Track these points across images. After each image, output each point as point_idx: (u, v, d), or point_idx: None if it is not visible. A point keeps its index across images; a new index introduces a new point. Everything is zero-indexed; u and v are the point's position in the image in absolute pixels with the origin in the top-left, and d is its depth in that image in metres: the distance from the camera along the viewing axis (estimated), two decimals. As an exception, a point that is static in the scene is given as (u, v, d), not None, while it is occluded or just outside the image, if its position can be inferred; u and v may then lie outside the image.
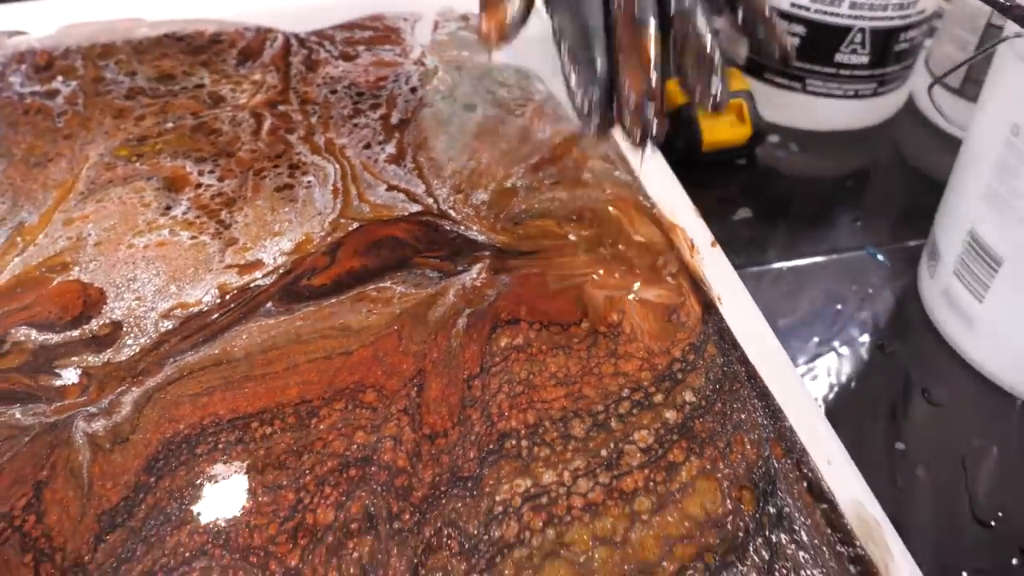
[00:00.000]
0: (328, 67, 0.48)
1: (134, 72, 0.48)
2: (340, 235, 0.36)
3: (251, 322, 0.32)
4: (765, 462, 0.27)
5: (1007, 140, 0.33)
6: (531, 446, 0.27)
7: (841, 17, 0.48)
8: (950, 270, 0.38)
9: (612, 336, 0.31)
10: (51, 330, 0.32)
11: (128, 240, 0.36)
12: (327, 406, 0.29)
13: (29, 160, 0.41)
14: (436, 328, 0.31)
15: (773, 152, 0.52)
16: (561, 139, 0.42)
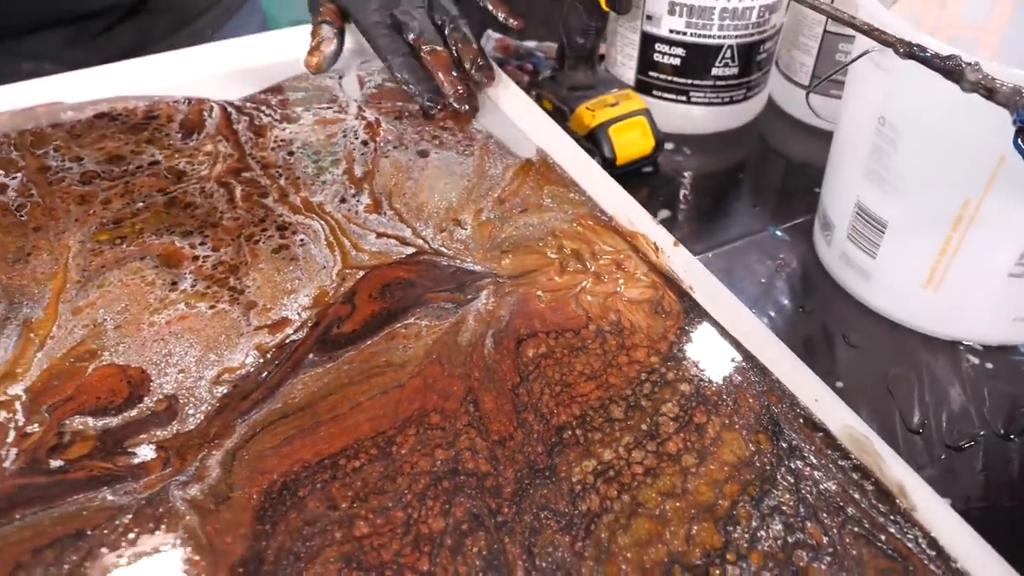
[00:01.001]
0: (275, 130, 0.50)
1: (79, 157, 0.48)
2: (351, 284, 0.39)
3: (300, 374, 0.35)
4: (767, 410, 0.34)
5: (876, 129, 0.42)
6: (585, 433, 0.33)
7: (712, 38, 0.56)
8: (844, 236, 0.47)
9: (616, 333, 0.37)
10: (107, 415, 0.34)
11: (147, 319, 0.38)
12: (401, 433, 0.33)
13: (7, 257, 0.41)
14: (469, 351, 0.36)
15: (671, 157, 0.60)
16: (513, 171, 0.47)
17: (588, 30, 0.55)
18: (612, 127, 0.55)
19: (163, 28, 0.67)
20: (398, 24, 0.53)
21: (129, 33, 0.65)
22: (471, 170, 0.47)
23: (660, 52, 0.58)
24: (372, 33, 0.53)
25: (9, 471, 0.31)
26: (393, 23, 0.53)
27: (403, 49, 0.53)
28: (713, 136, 0.62)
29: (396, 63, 0.53)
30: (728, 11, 0.55)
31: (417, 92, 0.52)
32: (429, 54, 0.52)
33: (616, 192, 0.44)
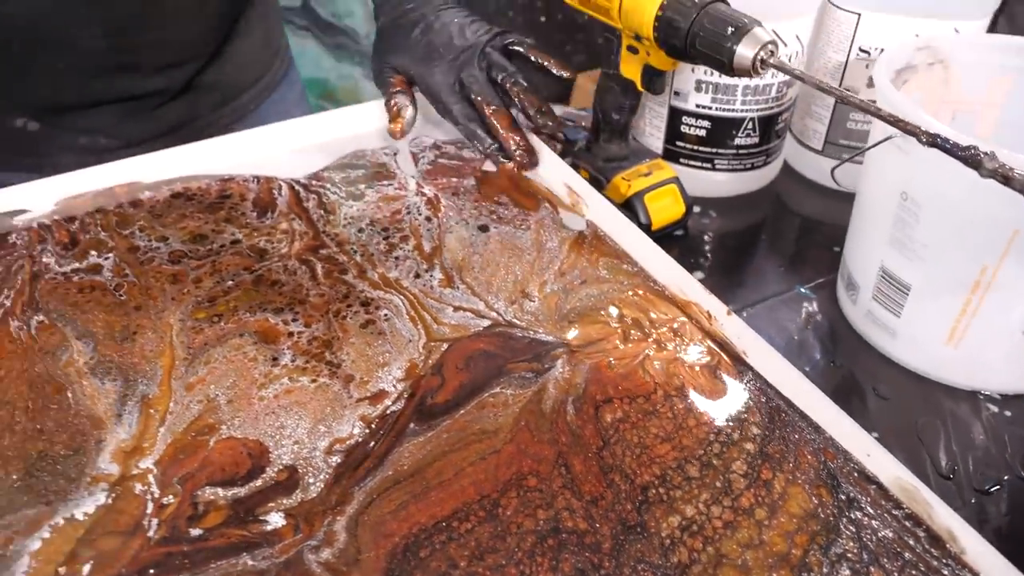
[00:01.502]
0: (344, 208, 0.55)
1: (165, 237, 0.52)
2: (437, 356, 0.43)
3: (405, 443, 0.39)
4: (824, 465, 0.38)
5: (899, 203, 0.47)
6: (667, 491, 0.37)
7: (736, 111, 0.62)
8: (869, 296, 0.52)
9: (682, 397, 0.41)
10: (234, 485, 0.37)
11: (256, 394, 0.42)
12: (503, 496, 0.37)
13: (115, 336, 0.45)
14: (553, 418, 0.40)
15: (699, 220, 0.65)
16: (568, 244, 0.52)
17: (623, 107, 0.60)
18: (647, 195, 0.60)
19: (209, 104, 0.71)
20: (461, 85, 0.58)
21: (178, 109, 0.69)
22: (530, 244, 0.52)
23: (687, 124, 0.63)
24: (441, 98, 0.59)
25: (154, 540, 0.35)
26: (458, 87, 0.58)
27: (472, 113, 0.58)
28: (735, 198, 0.67)
29: (466, 126, 0.58)
30: (750, 88, 0.60)
31: (484, 149, 0.59)
32: (492, 115, 0.57)
33: (667, 263, 0.48)
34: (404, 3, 0.61)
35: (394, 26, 0.61)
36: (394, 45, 0.61)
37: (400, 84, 0.60)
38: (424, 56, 0.59)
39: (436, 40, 0.59)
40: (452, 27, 0.59)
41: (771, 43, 0.47)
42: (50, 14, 0.57)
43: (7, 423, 0.40)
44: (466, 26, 0.59)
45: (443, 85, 0.58)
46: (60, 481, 0.38)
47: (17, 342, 0.44)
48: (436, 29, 0.59)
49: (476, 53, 0.58)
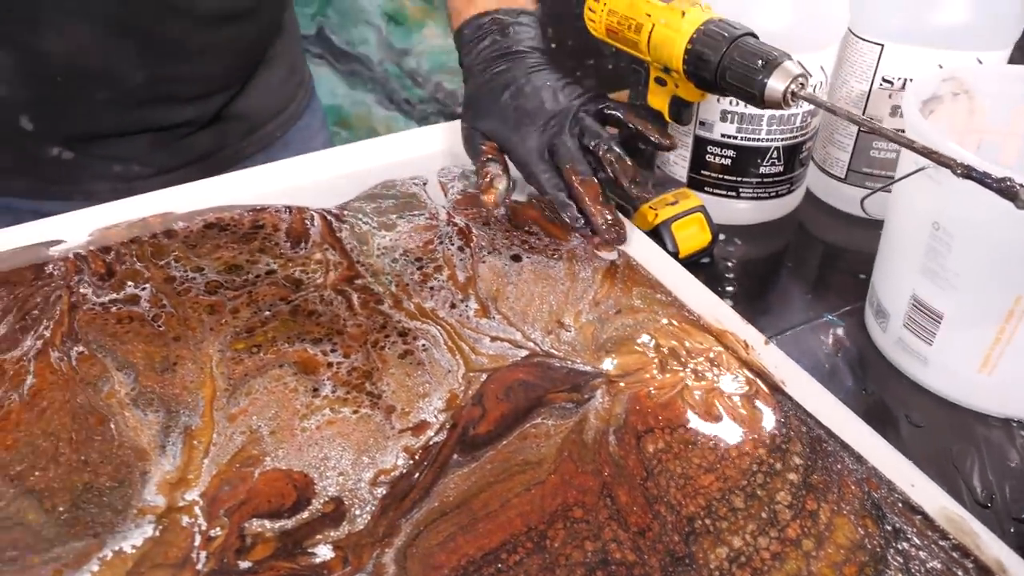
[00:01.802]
0: (376, 238, 0.55)
1: (200, 267, 0.53)
2: (477, 386, 0.44)
3: (449, 474, 0.39)
4: (868, 496, 0.38)
5: (931, 232, 0.48)
6: (713, 522, 0.37)
7: (761, 140, 0.62)
8: (900, 324, 0.52)
9: (723, 427, 0.42)
10: (281, 517, 0.37)
11: (299, 425, 0.42)
12: (550, 528, 0.37)
13: (155, 367, 0.45)
14: (596, 448, 0.40)
15: (724, 248, 0.65)
16: (601, 274, 0.52)
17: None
18: (674, 224, 0.60)
19: (237, 134, 0.72)
20: (551, 153, 0.56)
21: (207, 138, 0.70)
22: (563, 273, 0.52)
23: (712, 153, 0.64)
24: (529, 167, 0.56)
25: (203, 573, 0.35)
26: (548, 153, 0.56)
27: (560, 183, 0.56)
28: (758, 226, 0.68)
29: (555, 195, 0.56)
30: (776, 118, 0.61)
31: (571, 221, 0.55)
32: (580, 184, 0.55)
33: (701, 291, 0.49)
34: (494, 66, 0.59)
35: (484, 90, 0.58)
36: (484, 110, 0.58)
37: (492, 151, 0.58)
38: (514, 122, 0.56)
39: (527, 105, 0.56)
40: (544, 91, 0.56)
41: (801, 76, 0.48)
42: (92, 49, 0.58)
43: (52, 455, 0.40)
44: (558, 90, 0.57)
45: (532, 152, 0.56)
46: (107, 513, 0.38)
47: (58, 373, 0.45)
48: (527, 93, 0.56)
49: (568, 118, 0.56)
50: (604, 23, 0.58)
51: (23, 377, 0.45)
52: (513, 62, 0.58)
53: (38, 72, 0.58)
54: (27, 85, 0.59)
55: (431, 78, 1.56)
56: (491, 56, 0.59)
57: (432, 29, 1.51)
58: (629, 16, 0.56)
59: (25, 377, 0.45)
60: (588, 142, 0.56)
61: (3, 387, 0.44)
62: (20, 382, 0.44)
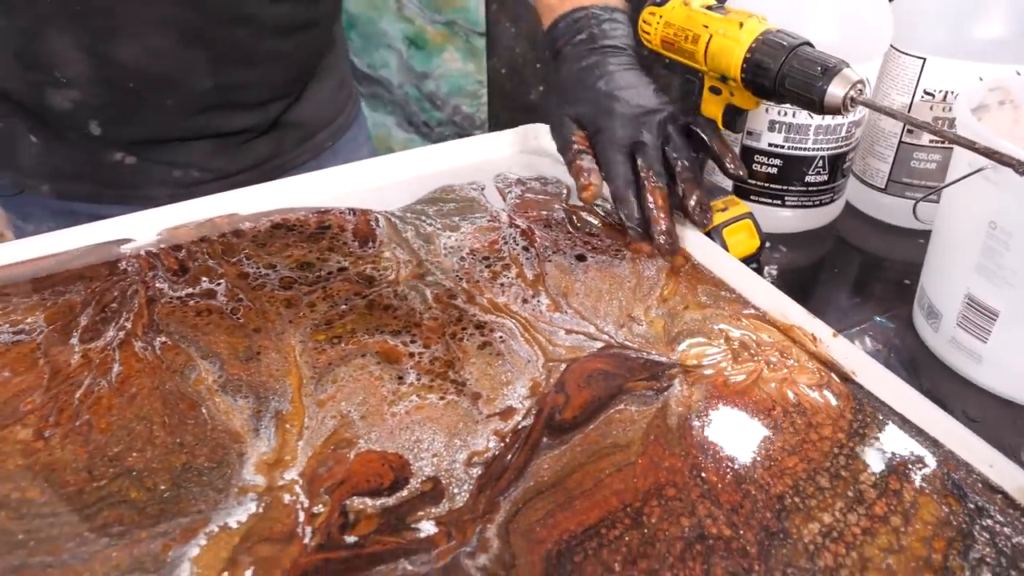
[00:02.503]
0: (442, 238, 0.57)
1: (272, 264, 0.54)
2: (558, 375, 0.45)
3: (541, 456, 0.40)
4: (948, 476, 0.40)
5: (987, 232, 0.49)
6: (802, 500, 0.38)
7: (808, 150, 0.64)
8: (953, 324, 0.54)
9: (800, 413, 0.43)
10: (381, 495, 0.38)
11: (388, 410, 0.43)
12: (646, 505, 0.38)
13: (239, 356, 0.46)
14: (680, 432, 0.42)
15: (770, 255, 0.67)
16: (666, 273, 0.54)
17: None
18: (725, 229, 0.62)
19: (291, 141, 0.74)
20: (633, 146, 0.55)
21: (264, 145, 0.72)
22: (628, 272, 0.54)
23: (759, 162, 0.66)
24: (607, 153, 0.56)
25: (310, 547, 0.36)
26: (631, 148, 0.56)
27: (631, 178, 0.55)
28: (800, 235, 0.70)
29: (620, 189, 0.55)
30: (822, 127, 0.63)
31: (627, 218, 0.55)
32: (652, 191, 0.54)
33: (765, 288, 0.50)
34: (588, 56, 0.59)
35: (577, 77, 0.59)
36: (575, 96, 0.59)
37: (582, 142, 0.57)
38: (606, 108, 0.56)
39: (620, 94, 0.57)
40: (639, 87, 0.57)
41: (860, 82, 0.50)
42: (165, 56, 0.59)
43: (147, 437, 0.41)
44: (652, 91, 0.58)
45: (616, 140, 0.56)
46: (209, 492, 0.39)
47: (144, 361, 0.46)
48: (620, 84, 0.57)
49: (657, 120, 0.56)
50: (659, 35, 0.60)
51: (109, 365, 0.46)
52: (606, 55, 0.59)
53: (112, 78, 0.60)
54: (100, 91, 0.60)
55: (449, 101, 1.59)
56: (587, 49, 0.59)
57: (451, 53, 1.54)
58: (686, 28, 0.58)
59: (111, 365, 0.46)
60: (670, 153, 0.56)
61: (91, 374, 0.45)
62: (107, 370, 0.45)
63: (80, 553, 0.36)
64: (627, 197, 0.55)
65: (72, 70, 0.59)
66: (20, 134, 0.64)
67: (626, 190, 0.55)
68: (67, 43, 0.57)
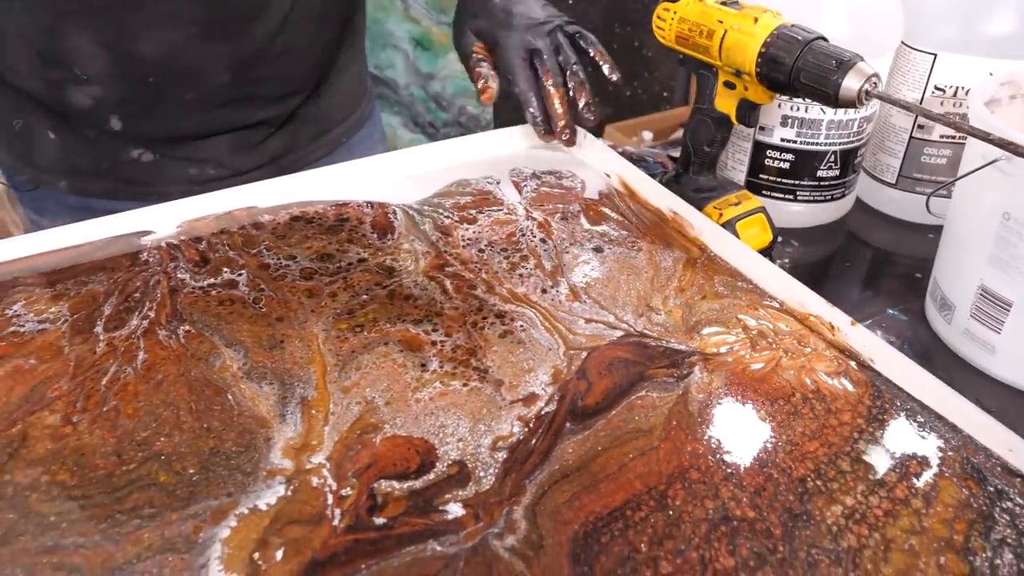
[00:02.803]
0: (459, 231, 0.57)
1: (292, 256, 0.54)
2: (579, 363, 0.46)
3: (565, 440, 0.41)
4: (967, 460, 0.40)
5: (1001, 223, 0.50)
6: (824, 483, 0.39)
7: (820, 144, 0.65)
8: (966, 315, 0.54)
9: (819, 399, 0.43)
10: (408, 478, 0.39)
11: (412, 396, 0.43)
12: (670, 488, 0.38)
13: (262, 344, 0.47)
14: (702, 418, 0.42)
15: (782, 249, 0.68)
16: (682, 264, 0.54)
17: (715, 141, 0.63)
18: (738, 223, 0.62)
19: (306, 137, 0.75)
20: (530, 55, 0.64)
21: (279, 141, 0.72)
22: (645, 263, 0.54)
23: (771, 157, 0.66)
24: (510, 61, 0.64)
25: (339, 529, 0.36)
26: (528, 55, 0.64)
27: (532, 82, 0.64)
28: (811, 229, 0.70)
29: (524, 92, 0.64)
30: (834, 122, 0.64)
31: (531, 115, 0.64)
32: (551, 87, 0.63)
33: (782, 278, 0.51)
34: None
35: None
36: (475, 11, 0.66)
37: (481, 51, 0.66)
38: (503, 21, 0.65)
39: (515, 9, 0.64)
40: (531, 1, 0.65)
41: (875, 76, 0.50)
42: (185, 50, 0.60)
43: (174, 422, 0.42)
44: (541, 6, 0.65)
45: (514, 50, 0.64)
46: (237, 475, 0.39)
47: (168, 349, 0.46)
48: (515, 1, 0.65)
49: (548, 31, 0.64)
50: (674, 31, 0.61)
51: (134, 353, 0.46)
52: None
53: (133, 73, 0.60)
54: (120, 86, 0.61)
55: (455, 102, 1.60)
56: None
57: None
58: (700, 23, 0.59)
59: (136, 353, 0.46)
60: (559, 59, 0.64)
61: (116, 362, 0.45)
62: (132, 357, 0.46)
63: (112, 534, 0.36)
64: (530, 98, 0.64)
65: (93, 66, 0.59)
66: (39, 131, 0.65)
67: (529, 92, 0.64)
68: (88, 39, 0.58)
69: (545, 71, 0.63)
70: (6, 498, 0.38)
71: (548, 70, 0.63)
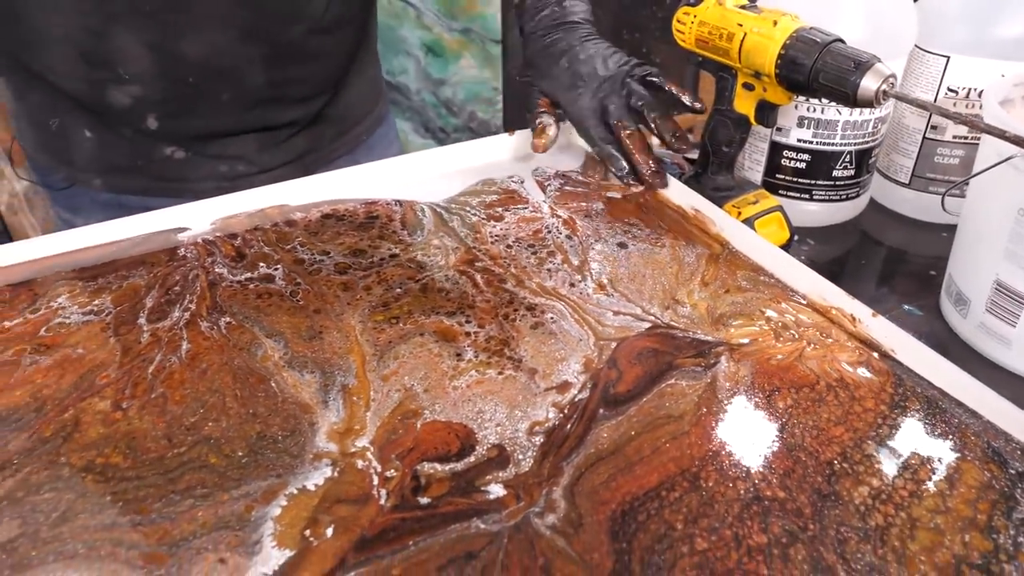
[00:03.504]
0: (487, 228, 0.59)
1: (326, 251, 0.56)
2: (609, 353, 0.47)
3: (599, 425, 0.42)
4: (988, 445, 0.41)
5: (1016, 219, 0.52)
6: (851, 465, 0.40)
7: (836, 145, 0.67)
8: (982, 309, 0.56)
9: (843, 387, 0.45)
10: (449, 461, 0.40)
11: (449, 384, 0.45)
12: (703, 470, 0.40)
13: (301, 335, 0.48)
14: (730, 405, 0.44)
15: (799, 247, 0.69)
16: (705, 259, 0.56)
17: (733, 141, 0.65)
18: (756, 221, 0.64)
19: (329, 135, 0.76)
20: (603, 111, 0.64)
21: (305, 139, 0.74)
22: (669, 259, 0.56)
23: (787, 157, 0.68)
24: (583, 123, 0.65)
25: (386, 508, 0.38)
26: (599, 115, 0.64)
27: (609, 136, 0.64)
28: (825, 228, 0.72)
29: (603, 148, 0.64)
30: (850, 123, 0.65)
31: (617, 170, 0.64)
32: (628, 137, 0.63)
33: (803, 272, 0.52)
34: (551, 33, 0.67)
35: (543, 55, 0.67)
36: (543, 72, 0.67)
37: (546, 105, 0.67)
38: (570, 84, 0.65)
39: (581, 69, 0.65)
40: (596, 58, 0.65)
41: (892, 76, 0.52)
42: (223, 51, 0.62)
43: (221, 408, 0.43)
44: (608, 57, 0.65)
45: (586, 111, 0.64)
46: (285, 458, 0.40)
47: (211, 339, 0.48)
48: (581, 59, 0.65)
49: (618, 82, 0.64)
50: (694, 34, 0.63)
51: (178, 343, 0.48)
52: (568, 32, 0.67)
53: (174, 73, 0.62)
54: (161, 86, 0.63)
55: (465, 107, 1.62)
56: (550, 24, 0.67)
57: (468, 60, 1.57)
58: (720, 26, 0.60)
59: (180, 343, 0.48)
60: (635, 103, 0.63)
61: (161, 351, 0.47)
62: (176, 347, 0.47)
63: (167, 513, 0.37)
64: (610, 153, 0.64)
65: (136, 66, 0.61)
66: (75, 129, 0.67)
67: (607, 149, 0.64)
68: (133, 40, 0.60)
69: (617, 123, 0.63)
70: (63, 479, 0.39)
71: (619, 121, 0.63)
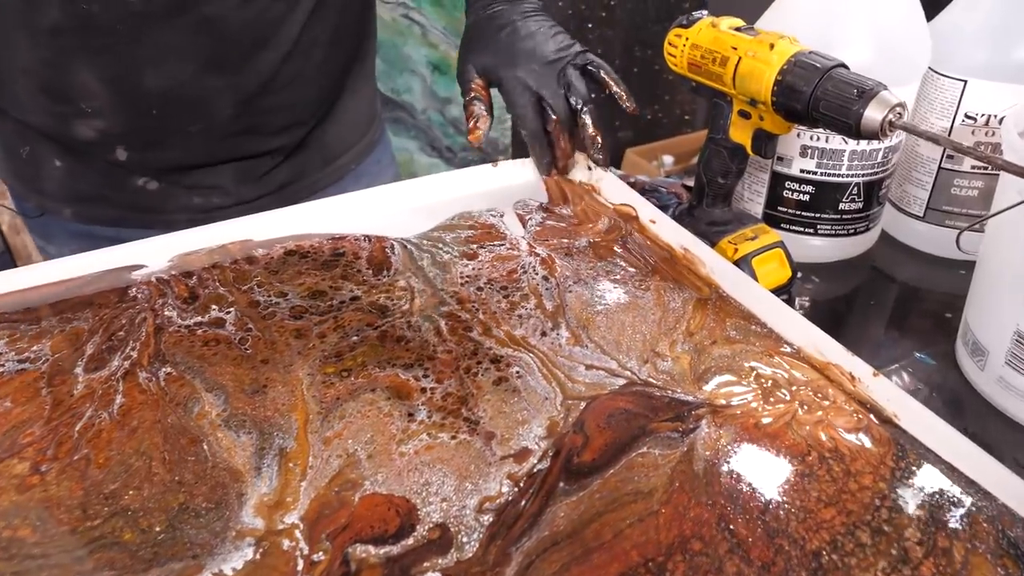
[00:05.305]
0: (458, 267, 0.55)
1: (284, 292, 0.52)
2: (577, 414, 0.42)
3: (556, 502, 0.38)
4: (1003, 534, 0.36)
5: (1038, 266, 0.46)
6: (840, 557, 0.35)
7: (842, 176, 0.62)
8: (1001, 362, 0.50)
9: (838, 459, 0.40)
10: (385, 543, 0.36)
11: (396, 449, 0.41)
12: (670, 560, 0.35)
13: (244, 389, 0.45)
14: (708, 479, 0.39)
15: (802, 285, 0.64)
16: (692, 305, 0.51)
17: (729, 172, 0.60)
18: (754, 259, 0.59)
19: (315, 164, 0.73)
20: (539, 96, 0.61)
21: (287, 170, 0.71)
22: (652, 304, 0.51)
23: (790, 189, 0.63)
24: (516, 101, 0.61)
25: (309, 599, 0.34)
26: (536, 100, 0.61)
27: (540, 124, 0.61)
28: (834, 264, 0.67)
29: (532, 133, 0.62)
30: (857, 153, 0.60)
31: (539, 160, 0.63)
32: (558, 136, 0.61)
33: (799, 323, 0.47)
34: (494, 4, 0.63)
35: (483, 25, 0.63)
36: (481, 44, 0.63)
37: (479, 89, 0.62)
38: (508, 61, 0.61)
39: (521, 46, 0.61)
40: (538, 36, 0.61)
41: (899, 105, 0.47)
42: (187, 83, 0.59)
43: (145, 474, 0.40)
44: (550, 37, 0.61)
45: (520, 91, 0.61)
46: (204, 534, 0.37)
47: (147, 393, 0.44)
48: (522, 36, 0.61)
49: (558, 68, 0.60)
50: (686, 58, 0.58)
51: (112, 396, 0.44)
52: (510, 4, 0.63)
53: (136, 105, 0.59)
54: (125, 119, 0.60)
55: (474, 125, 1.58)
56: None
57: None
58: (713, 50, 0.56)
59: (114, 396, 0.44)
60: (570, 96, 0.61)
61: (93, 406, 0.43)
62: (109, 401, 0.44)
63: (68, 599, 0.34)
64: (535, 144, 0.62)
65: (96, 100, 0.58)
66: (45, 158, 0.64)
67: (534, 138, 0.62)
68: (91, 74, 0.57)
69: (553, 119, 0.61)
70: (-38, 555, 0.35)
71: (556, 114, 0.61)
